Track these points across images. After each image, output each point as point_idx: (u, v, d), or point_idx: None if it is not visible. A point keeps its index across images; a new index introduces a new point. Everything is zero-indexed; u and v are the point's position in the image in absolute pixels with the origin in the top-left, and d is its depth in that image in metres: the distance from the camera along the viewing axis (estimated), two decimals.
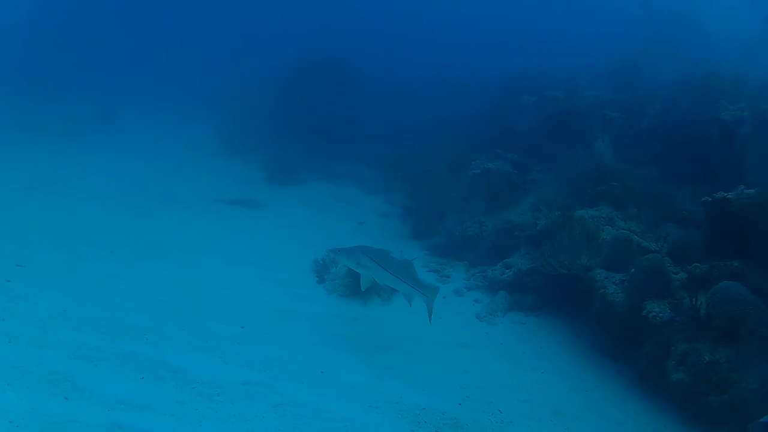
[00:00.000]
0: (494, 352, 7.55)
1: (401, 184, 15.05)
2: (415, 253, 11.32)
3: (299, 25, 41.37)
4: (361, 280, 6.36)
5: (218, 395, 5.46)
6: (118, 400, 5.10)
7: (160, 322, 6.77)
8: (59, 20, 32.89)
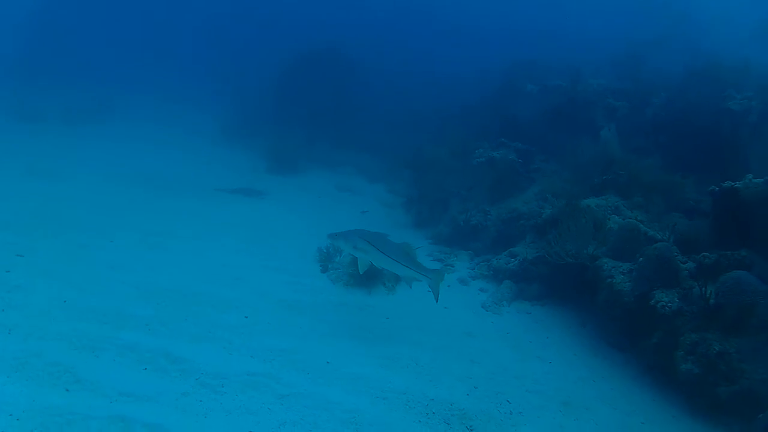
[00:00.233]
0: (501, 341, 7.47)
1: (404, 172, 14.98)
2: (418, 242, 11.22)
3: (301, 13, 41.13)
4: (358, 263, 6.30)
5: (223, 386, 5.36)
6: (120, 391, 4.99)
7: (162, 311, 6.67)
8: (58, 11, 32.69)
